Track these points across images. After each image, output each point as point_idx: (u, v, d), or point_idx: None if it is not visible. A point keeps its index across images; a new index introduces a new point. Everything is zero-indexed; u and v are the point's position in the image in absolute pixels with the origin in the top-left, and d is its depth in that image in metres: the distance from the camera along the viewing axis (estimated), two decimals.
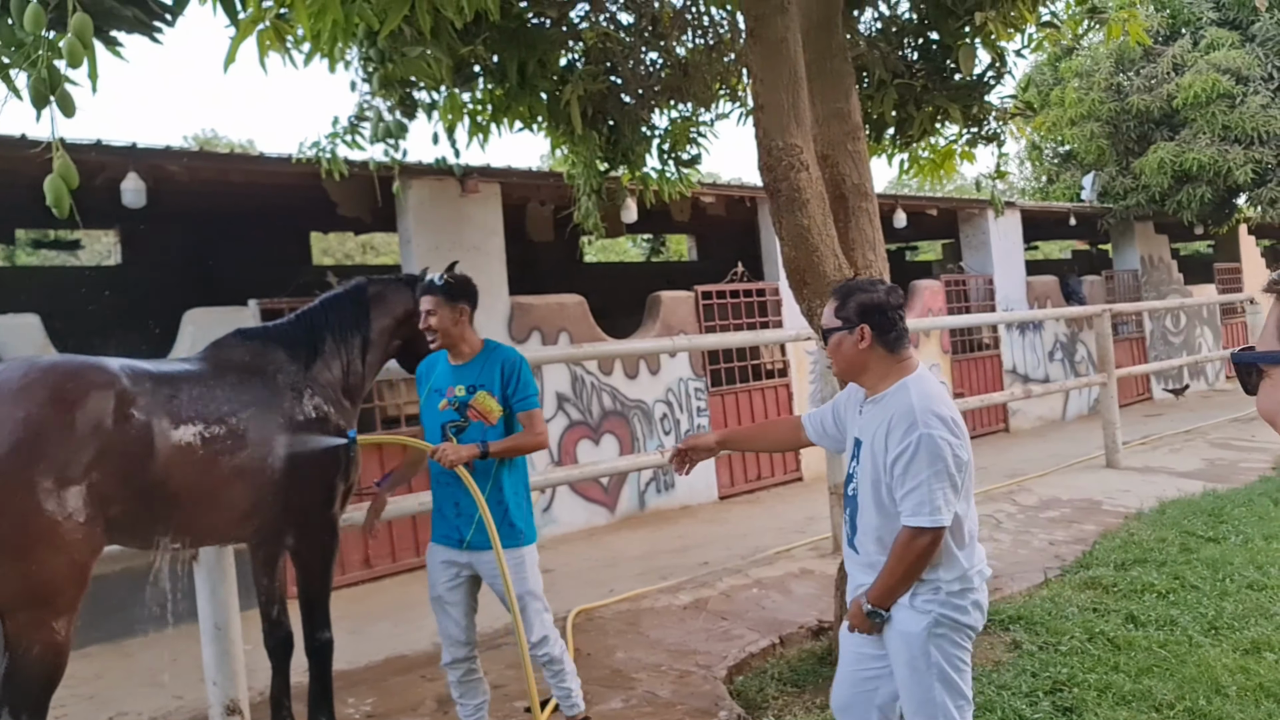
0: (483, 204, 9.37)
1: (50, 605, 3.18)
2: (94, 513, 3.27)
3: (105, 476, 3.30)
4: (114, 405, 3.35)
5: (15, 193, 8.95)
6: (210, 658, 4.48)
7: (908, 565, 2.90)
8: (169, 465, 3.50)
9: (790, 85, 4.52)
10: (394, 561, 8.45)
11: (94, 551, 3.34)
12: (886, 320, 3.05)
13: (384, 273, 4.67)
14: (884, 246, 5.31)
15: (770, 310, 11.83)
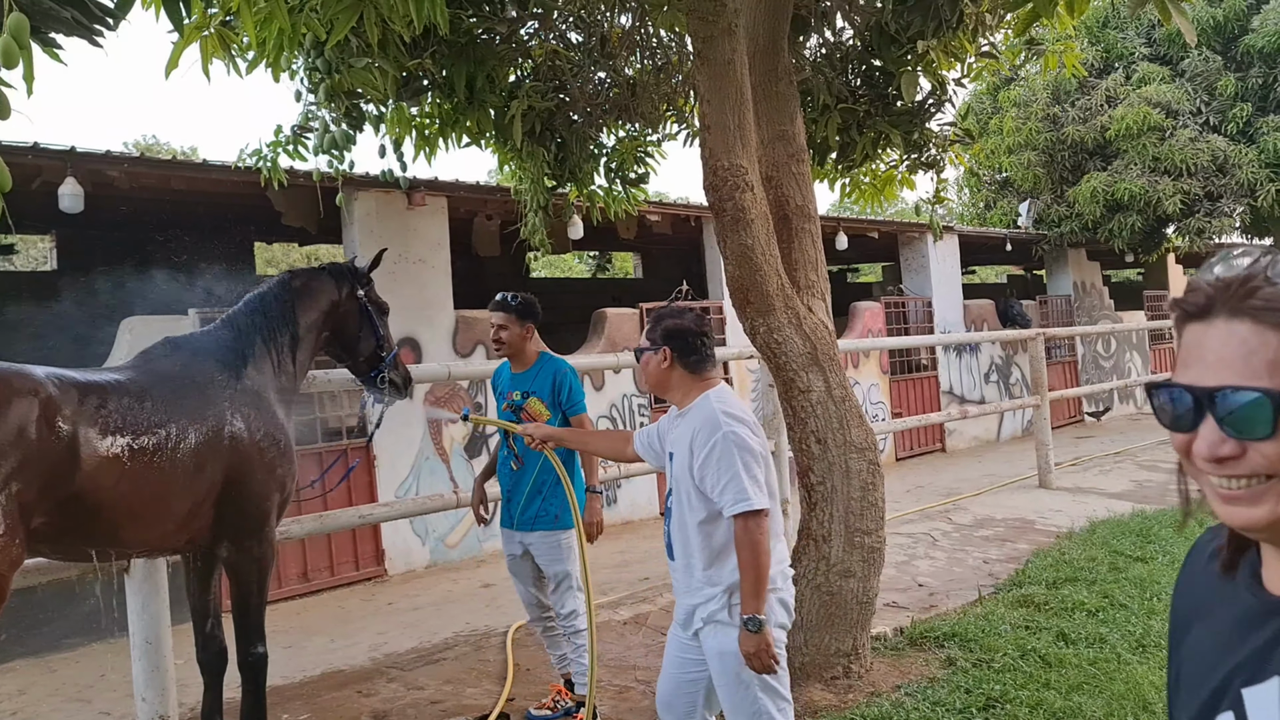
0: (429, 217, 9.34)
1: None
2: (14, 524, 3.15)
3: (27, 486, 3.19)
4: (38, 414, 3.25)
5: None
6: (140, 673, 4.38)
7: (753, 553, 3.07)
8: (95, 476, 3.41)
9: (736, 107, 4.59)
10: (332, 575, 8.35)
11: (13, 564, 3.22)
12: (688, 345, 3.34)
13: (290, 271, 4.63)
14: (825, 267, 5.40)
15: (714, 328, 11.90)
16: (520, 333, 4.67)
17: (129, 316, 7.73)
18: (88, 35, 3.08)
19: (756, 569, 3.06)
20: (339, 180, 7.59)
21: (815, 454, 5.02)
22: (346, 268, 4.65)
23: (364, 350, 4.56)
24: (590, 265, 24.26)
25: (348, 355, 4.61)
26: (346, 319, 4.51)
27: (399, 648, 6.27)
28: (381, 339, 4.58)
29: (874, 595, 5.09)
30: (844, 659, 4.97)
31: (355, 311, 4.53)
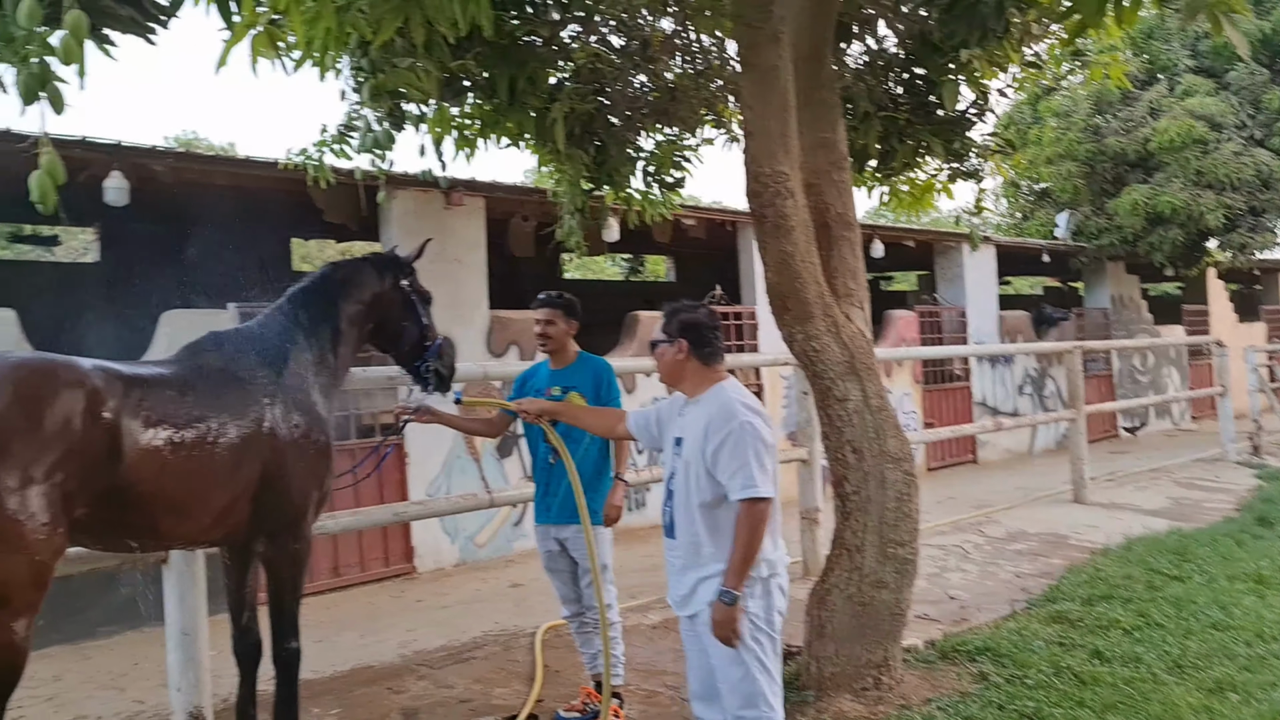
0: (466, 217, 9.39)
1: (8, 606, 3.12)
2: (58, 514, 3.19)
3: (70, 477, 3.22)
4: (84, 406, 3.29)
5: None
6: (175, 663, 4.42)
7: (750, 536, 3.29)
8: (137, 468, 3.43)
9: (780, 113, 4.58)
10: (362, 571, 8.40)
11: (56, 553, 3.26)
12: (702, 337, 3.54)
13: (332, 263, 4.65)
14: (865, 275, 5.38)
15: (746, 334, 11.90)
16: (565, 329, 4.76)
17: (168, 309, 7.81)
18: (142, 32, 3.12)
19: (747, 550, 3.29)
20: (381, 179, 7.63)
21: (851, 463, 4.99)
22: (389, 258, 4.65)
23: (408, 340, 4.55)
24: (623, 268, 24.28)
25: (392, 346, 4.60)
26: (390, 309, 4.50)
27: (428, 645, 6.30)
28: (425, 328, 4.57)
29: (906, 607, 5.06)
30: (875, 670, 4.94)
31: (399, 302, 4.52)
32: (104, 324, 9.92)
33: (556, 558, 4.74)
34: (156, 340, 7.54)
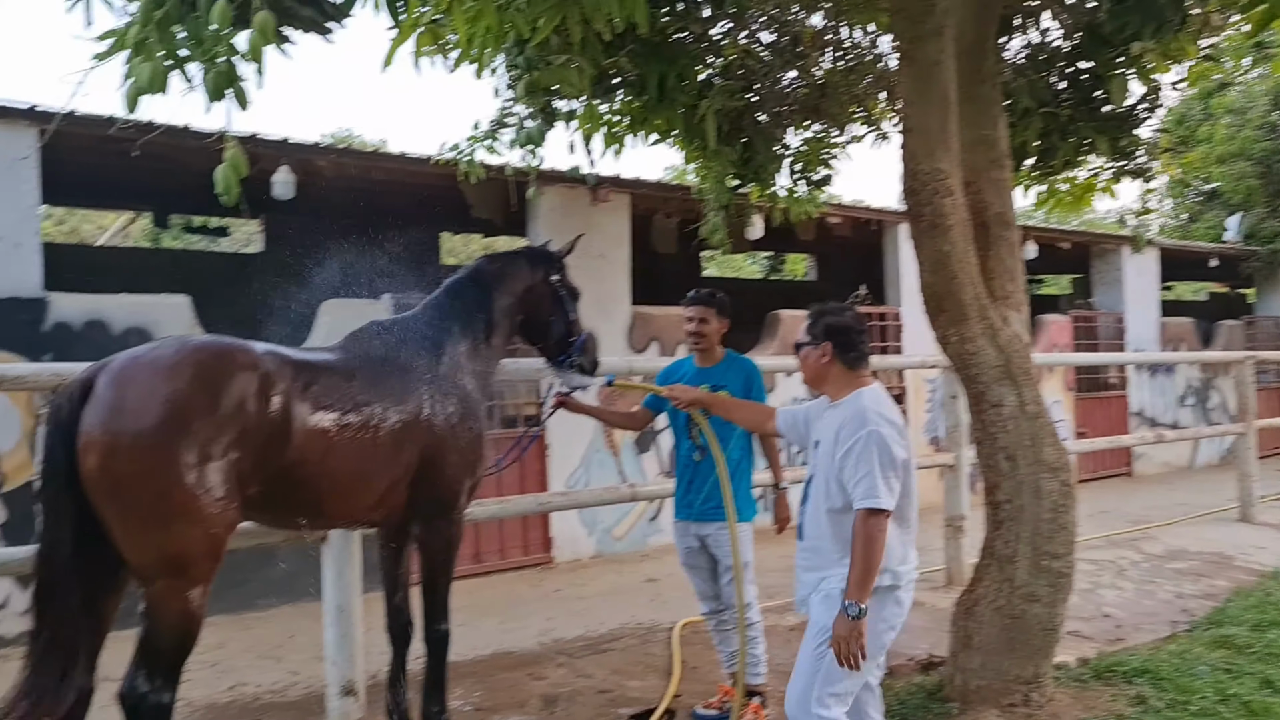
0: (612, 213, 9.48)
1: (186, 575, 3.29)
2: (232, 490, 3.35)
3: (244, 456, 3.38)
4: (257, 387, 3.45)
5: (173, 179, 9.42)
6: (331, 638, 4.61)
7: (867, 546, 3.22)
8: (305, 449, 3.59)
9: (940, 109, 4.47)
10: (502, 558, 8.59)
11: (229, 527, 3.43)
12: (848, 341, 3.49)
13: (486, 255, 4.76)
14: (1024, 277, 5.19)
15: (890, 335, 11.66)
16: (718, 327, 4.73)
17: (327, 299, 8.13)
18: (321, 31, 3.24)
19: (867, 561, 3.21)
20: (531, 175, 7.77)
21: (1004, 471, 4.83)
22: (541, 252, 4.74)
23: (555, 334, 4.63)
24: (763, 266, 24.12)
25: (539, 339, 4.69)
26: (540, 303, 4.59)
27: (566, 634, 6.39)
28: (572, 323, 4.64)
29: (1059, 623, 4.86)
30: (1024, 686, 4.77)
31: (548, 296, 4.60)
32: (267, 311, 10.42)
33: (696, 554, 4.72)
34: (316, 328, 7.86)
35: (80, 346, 6.72)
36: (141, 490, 3.17)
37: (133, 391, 3.22)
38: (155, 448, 3.18)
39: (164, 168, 8.60)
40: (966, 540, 7.19)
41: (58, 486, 3.20)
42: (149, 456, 3.17)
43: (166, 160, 7.97)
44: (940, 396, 11.66)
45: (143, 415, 3.18)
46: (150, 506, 3.19)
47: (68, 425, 3.19)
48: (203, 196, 10.85)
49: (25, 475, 6.63)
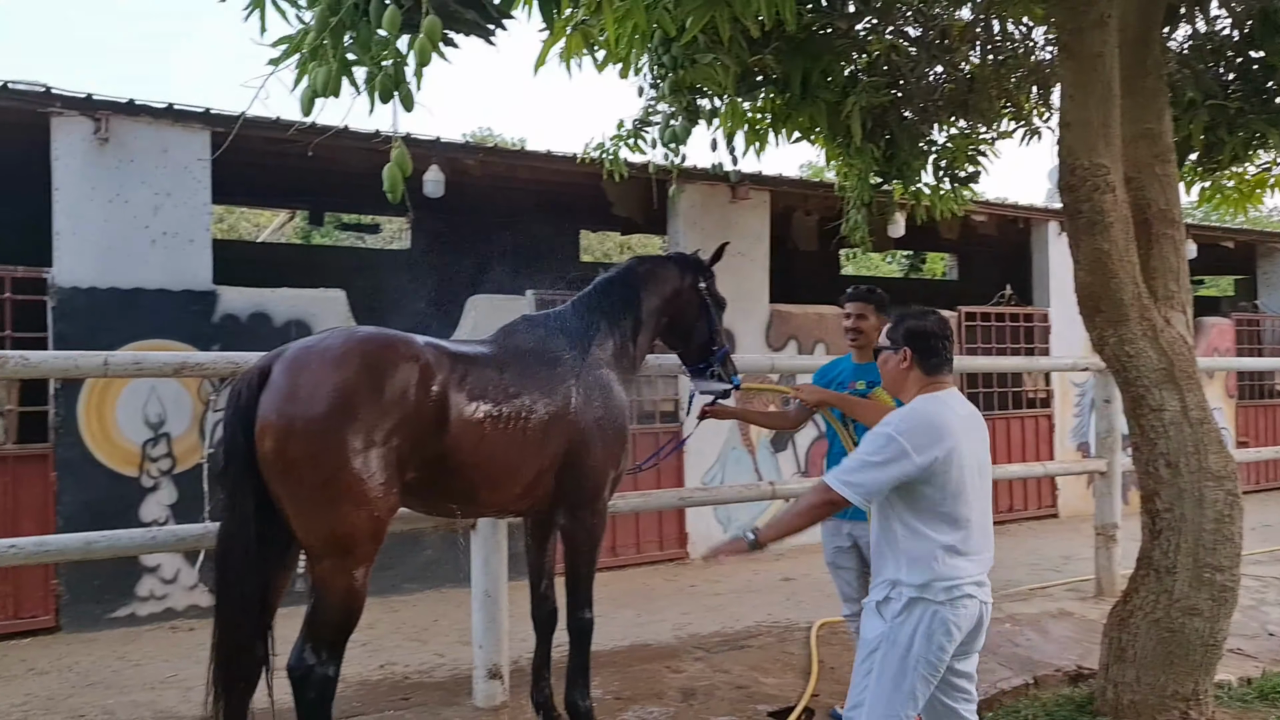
0: (751, 211, 9.47)
1: (351, 555, 3.46)
2: (393, 475, 3.51)
3: (405, 442, 3.53)
4: (418, 377, 3.60)
5: (329, 177, 9.85)
6: (479, 623, 4.76)
7: (800, 510, 3.26)
8: (459, 438, 3.72)
9: (1102, 103, 4.32)
10: (638, 552, 8.70)
11: (391, 510, 3.59)
12: (929, 347, 3.35)
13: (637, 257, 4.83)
14: (1188, 277, 4.97)
15: (1038, 336, 11.30)
16: (876, 323, 4.63)
17: (472, 295, 8.37)
18: (484, 34, 3.35)
19: (792, 521, 3.26)
20: (673, 172, 7.84)
21: (1164, 478, 4.63)
22: (691, 259, 4.80)
23: (697, 340, 4.69)
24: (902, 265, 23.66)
25: (681, 343, 4.75)
26: (686, 308, 4.65)
27: (702, 630, 6.43)
28: (714, 332, 4.68)
29: (1222, 639, 4.64)
30: (1182, 703, 4.57)
31: (695, 302, 4.66)
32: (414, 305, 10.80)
33: (845, 554, 4.65)
34: (463, 322, 8.10)
35: (245, 337, 7.11)
36: (312, 472, 3.34)
37: (305, 379, 3.40)
38: (325, 433, 3.34)
39: (321, 167, 8.99)
40: (1119, 550, 6.92)
41: (238, 466, 3.40)
42: (319, 441, 3.34)
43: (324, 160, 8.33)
44: (1089, 400, 11.25)
45: (314, 402, 3.35)
46: (319, 488, 3.36)
47: (246, 410, 3.39)
48: (355, 194, 11.41)
49: (195, 458, 7.05)
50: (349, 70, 3.61)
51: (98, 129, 6.77)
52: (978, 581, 3.19)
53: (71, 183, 6.75)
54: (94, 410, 6.77)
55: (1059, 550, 9.28)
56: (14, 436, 6.67)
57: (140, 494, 6.89)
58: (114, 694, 5.40)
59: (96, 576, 6.70)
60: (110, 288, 6.81)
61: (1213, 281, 21.45)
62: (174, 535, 4.16)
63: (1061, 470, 8.14)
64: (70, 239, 6.74)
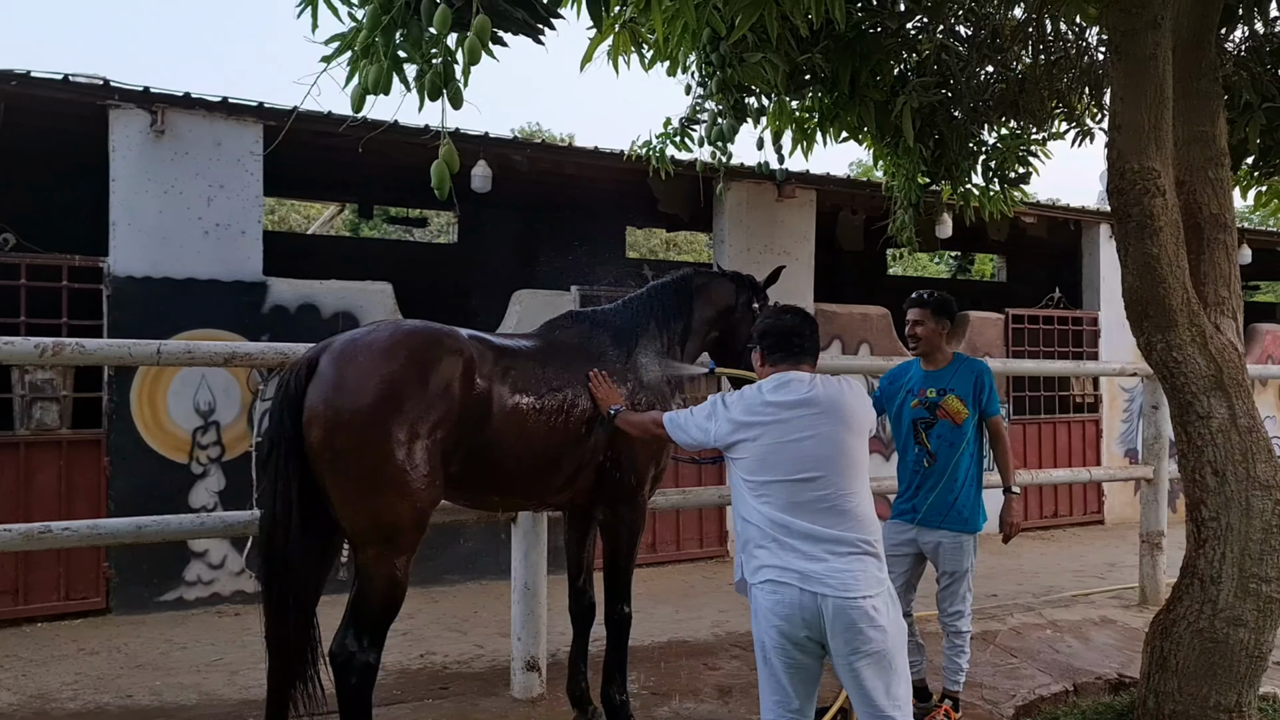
0: (797, 210, 9.44)
1: (394, 543, 3.52)
2: (436, 466, 3.56)
3: (448, 435, 3.59)
4: (462, 370, 3.65)
5: (378, 171, 9.96)
6: (518, 615, 4.81)
7: (643, 421, 3.88)
8: (502, 430, 3.77)
9: (1154, 106, 4.26)
10: (677, 550, 8.71)
11: (434, 501, 3.65)
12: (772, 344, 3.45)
13: (695, 268, 4.87)
14: (1239, 283, 4.89)
15: (1086, 340, 11.16)
16: (935, 329, 4.67)
17: (518, 290, 8.43)
18: (533, 33, 3.39)
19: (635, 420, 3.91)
20: (720, 170, 7.85)
21: (1210, 486, 4.56)
22: (748, 279, 4.85)
23: (745, 362, 4.69)
24: (949, 266, 23.44)
25: (730, 360, 4.77)
26: (739, 326, 4.68)
27: (740, 628, 6.43)
28: None
29: (1268, 650, 4.56)
30: (1224, 714, 4.50)
31: (748, 321, 4.66)
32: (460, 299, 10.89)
33: (898, 559, 4.57)
34: (508, 317, 8.17)
35: (294, 328, 7.22)
36: (358, 462, 3.41)
37: (352, 371, 3.46)
38: (371, 424, 3.41)
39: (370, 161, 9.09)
40: (1164, 558, 6.83)
41: (283, 453, 3.47)
42: (365, 432, 3.40)
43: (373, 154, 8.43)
44: (1139, 406, 11.09)
45: (361, 394, 3.41)
46: (365, 478, 3.42)
47: (295, 399, 3.47)
48: (404, 188, 11.52)
49: (243, 446, 7.18)
50: (399, 67, 3.66)
51: (154, 121, 6.91)
52: (801, 572, 3.03)
53: (128, 174, 6.90)
54: (146, 398, 6.92)
55: (1104, 557, 9.17)
56: (69, 422, 6.83)
57: (190, 480, 7.03)
58: (161, 675, 5.52)
59: (146, 561, 6.85)
60: (164, 277, 6.96)
61: (1269, 287, 21.02)
62: (222, 521, 4.26)
63: (1107, 476, 8.06)
64: (126, 229, 6.89)
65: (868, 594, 3.00)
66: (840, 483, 3.12)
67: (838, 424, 3.20)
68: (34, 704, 5.05)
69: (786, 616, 3.02)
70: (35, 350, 3.81)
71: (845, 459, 3.16)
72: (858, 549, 3.06)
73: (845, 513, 3.09)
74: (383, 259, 12.43)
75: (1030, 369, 8.10)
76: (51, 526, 3.91)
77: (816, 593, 2.99)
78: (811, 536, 3.05)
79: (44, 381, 6.70)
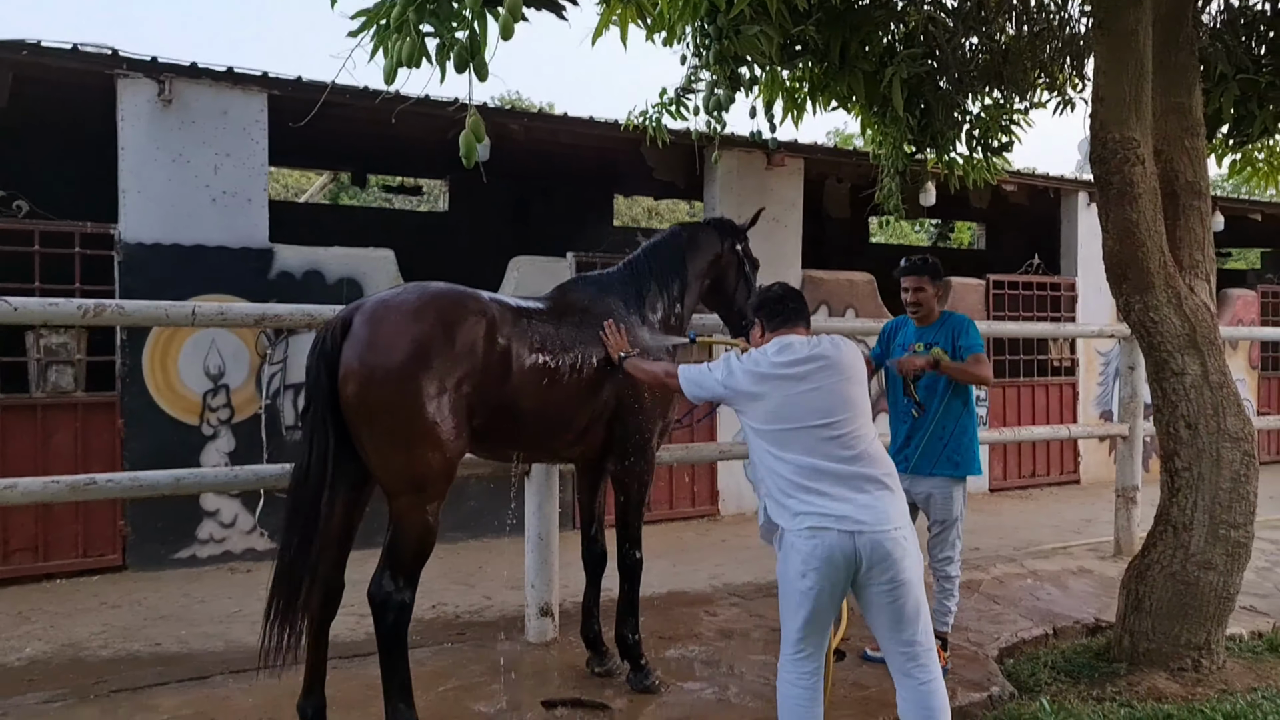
0: (786, 178, 9.66)
1: (425, 492, 3.74)
2: (462, 420, 3.78)
3: (473, 390, 3.81)
4: (484, 330, 3.87)
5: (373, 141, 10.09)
6: (532, 564, 5.06)
7: (654, 370, 4.11)
8: (521, 387, 4.00)
9: (1135, 79, 4.51)
10: (670, 509, 8.99)
11: (460, 453, 3.87)
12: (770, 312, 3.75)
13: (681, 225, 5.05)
14: (1212, 247, 5.17)
15: (1064, 306, 11.47)
16: (933, 292, 4.92)
17: (507, 257, 8.62)
18: (555, 9, 3.58)
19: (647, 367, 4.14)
20: (715, 138, 8.04)
21: (1183, 439, 4.87)
22: (728, 223, 5.04)
23: (739, 301, 4.94)
24: (929, 234, 23.73)
25: (722, 306, 5.01)
26: (726, 271, 4.91)
27: (736, 579, 6.72)
28: (753, 292, 4.92)
29: (1235, 592, 4.89)
30: (1194, 652, 4.83)
31: (734, 265, 4.92)
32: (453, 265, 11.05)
33: None
34: (506, 282, 8.37)
35: (299, 293, 7.39)
36: (390, 416, 3.63)
37: (385, 331, 3.67)
38: (403, 380, 3.62)
39: (367, 131, 9.24)
40: (1138, 512, 7.16)
41: (319, 407, 3.68)
42: (397, 388, 3.62)
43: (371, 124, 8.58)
44: (1114, 370, 11.44)
45: (393, 352, 3.62)
46: (398, 431, 3.64)
47: (331, 357, 3.67)
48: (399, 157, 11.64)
49: (252, 409, 7.38)
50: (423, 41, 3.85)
51: (161, 91, 7.04)
52: (836, 515, 3.25)
53: (137, 143, 7.04)
54: (158, 361, 7.10)
55: (1080, 514, 9.52)
56: (83, 385, 7.00)
57: (201, 441, 7.23)
58: (185, 626, 5.76)
59: (161, 519, 7.06)
60: (173, 244, 7.12)
61: (1240, 255, 21.45)
62: (255, 474, 4.48)
63: (1085, 433, 8.36)
64: (135, 197, 7.03)
65: (898, 525, 3.29)
66: (851, 425, 3.40)
67: (839, 375, 3.48)
68: (68, 652, 5.27)
69: (827, 559, 3.24)
70: (79, 311, 4.00)
71: (852, 406, 3.44)
72: (882, 484, 3.34)
73: (863, 452, 3.37)
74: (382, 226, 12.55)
75: (1012, 330, 8.39)
76: (96, 478, 4.11)
77: (852, 531, 3.23)
78: (837, 476, 3.32)
79: (59, 345, 6.87)
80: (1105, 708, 4.40)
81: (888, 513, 3.29)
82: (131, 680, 4.59)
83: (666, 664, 4.81)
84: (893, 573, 3.24)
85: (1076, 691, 4.71)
